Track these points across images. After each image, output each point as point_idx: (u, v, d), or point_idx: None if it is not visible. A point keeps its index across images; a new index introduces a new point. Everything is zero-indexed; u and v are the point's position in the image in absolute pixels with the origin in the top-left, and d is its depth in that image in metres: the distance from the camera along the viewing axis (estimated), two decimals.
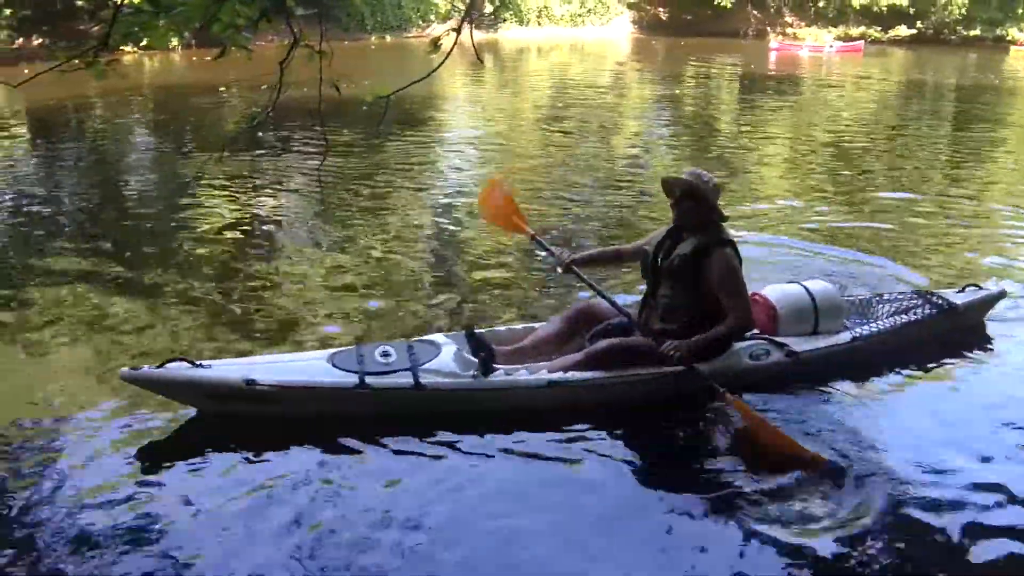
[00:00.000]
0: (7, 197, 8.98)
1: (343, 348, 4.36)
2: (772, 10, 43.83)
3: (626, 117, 16.47)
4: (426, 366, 4.11)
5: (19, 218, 8.16)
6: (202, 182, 9.48)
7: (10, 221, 8.11)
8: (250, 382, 3.91)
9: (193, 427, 4.06)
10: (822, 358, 4.53)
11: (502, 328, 4.75)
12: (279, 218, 8.10)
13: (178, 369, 3.94)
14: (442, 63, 2.61)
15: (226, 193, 9.01)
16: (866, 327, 4.75)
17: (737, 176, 10.00)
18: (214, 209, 8.33)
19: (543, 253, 4.83)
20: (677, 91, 21.07)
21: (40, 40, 28.80)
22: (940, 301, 5.00)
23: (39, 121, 15.21)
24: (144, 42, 2.74)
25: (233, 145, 10.88)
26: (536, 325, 4.66)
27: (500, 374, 4.12)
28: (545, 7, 43.87)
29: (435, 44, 2.64)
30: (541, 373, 4.14)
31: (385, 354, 4.18)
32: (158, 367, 3.93)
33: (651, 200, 8.44)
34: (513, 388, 4.07)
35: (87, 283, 6.06)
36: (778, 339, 4.49)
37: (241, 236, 7.39)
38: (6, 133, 13.72)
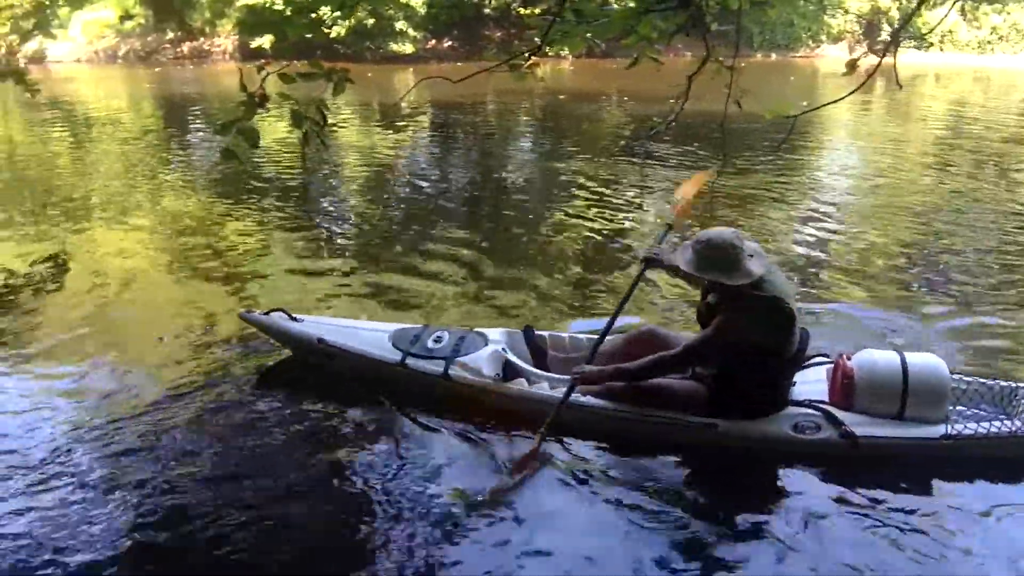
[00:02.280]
0: (405, 173, 10.16)
1: (409, 326, 4.69)
2: None
3: None
4: (462, 358, 4.27)
5: (406, 190, 9.26)
6: (579, 183, 9.90)
7: (401, 192, 9.29)
8: (321, 340, 4.51)
9: (284, 366, 4.88)
10: (889, 450, 3.72)
11: (564, 335, 4.68)
12: (636, 226, 8.21)
13: (275, 318, 4.67)
14: (861, 86, 2.44)
15: (593, 195, 9.31)
16: (974, 425, 3.73)
17: None
18: (575, 208, 8.67)
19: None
20: None
21: (449, 43, 32.02)
22: None
23: (441, 113, 16.94)
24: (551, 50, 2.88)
25: (620, 152, 11.34)
26: (595, 337, 4.42)
27: (521, 382, 4.18)
28: (949, 32, 40.17)
29: (852, 66, 2.49)
30: (559, 389, 4.05)
31: (437, 339, 4.44)
32: (264, 314, 4.72)
33: None
34: (526, 398, 4.11)
35: (441, 251, 6.86)
36: (839, 414, 3.79)
37: (590, 235, 7.61)
38: (414, 121, 15.56)
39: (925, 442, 3.71)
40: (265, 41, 34.48)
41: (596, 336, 4.37)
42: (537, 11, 25.91)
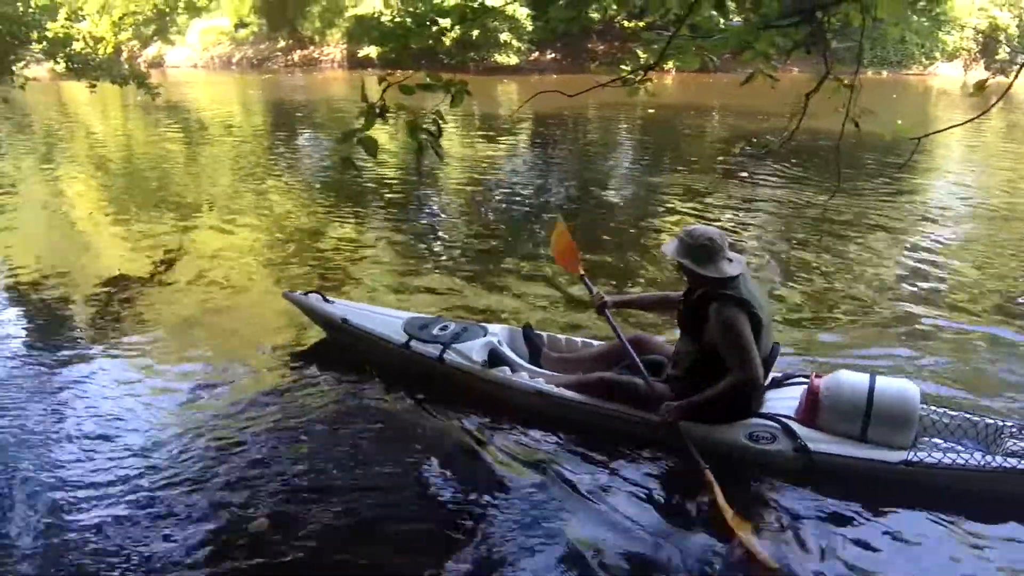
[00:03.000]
0: (502, 180, 10.24)
1: (421, 315, 5.13)
2: None
3: None
4: (457, 345, 4.60)
5: (503, 200, 9.26)
6: (678, 198, 9.80)
7: (498, 203, 9.28)
8: (344, 320, 4.95)
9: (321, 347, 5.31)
10: (844, 469, 3.68)
11: (562, 337, 4.93)
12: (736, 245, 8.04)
13: (312, 299, 5.19)
14: (990, 108, 2.33)
15: (692, 212, 9.18)
16: (939, 455, 3.61)
17: None
18: (672, 224, 8.52)
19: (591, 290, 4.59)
20: None
21: (553, 55, 32.17)
22: None
23: (541, 125, 17.01)
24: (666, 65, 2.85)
25: (722, 168, 11.18)
26: (594, 342, 4.80)
27: (505, 371, 4.43)
28: None
29: (980, 87, 2.38)
30: (539, 380, 4.34)
31: (443, 328, 4.83)
32: (303, 294, 5.25)
33: None
34: (506, 385, 4.36)
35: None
36: (797, 428, 3.79)
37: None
38: (514, 133, 15.65)
39: (882, 465, 3.64)
40: (372, 51, 35.51)
41: (591, 340, 4.82)
42: (642, 24, 25.91)
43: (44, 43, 7.41)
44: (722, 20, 2.52)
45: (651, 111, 18.12)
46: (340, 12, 37.68)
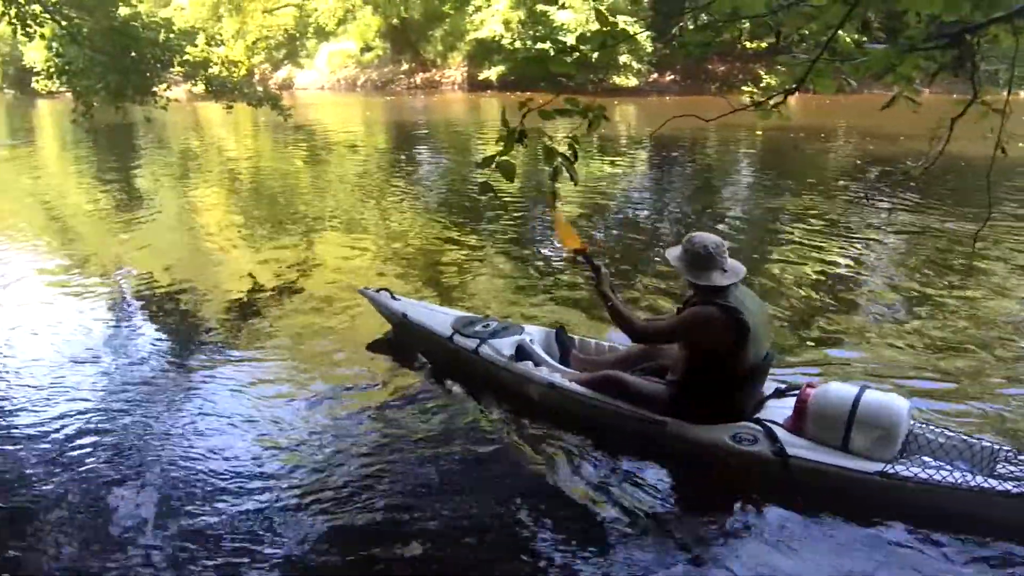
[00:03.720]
0: (618, 201, 10.17)
1: (469, 314, 5.57)
2: None
3: None
4: (492, 341, 4.98)
5: (620, 221, 9.15)
6: (801, 222, 9.50)
7: (615, 223, 9.18)
8: (404, 315, 5.51)
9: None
10: (818, 476, 3.73)
11: (592, 340, 5.22)
12: (861, 273, 7.71)
13: (382, 295, 5.77)
14: None
15: (817, 236, 8.88)
16: (916, 469, 3.60)
17: None
18: (794, 247, 8.28)
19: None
20: None
21: (672, 76, 31.94)
22: None
23: (660, 145, 16.86)
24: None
25: (849, 192, 10.80)
26: (620, 346, 5.01)
27: (528, 365, 4.74)
28: None
29: None
30: (556, 376, 4.61)
31: (485, 326, 5.22)
32: (376, 291, 5.84)
33: None
34: (525, 378, 4.71)
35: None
36: (781, 433, 3.88)
37: (808, 276, 7.21)
38: (634, 149, 15.57)
39: (857, 475, 3.66)
40: (492, 73, 36.08)
41: (618, 345, 5.05)
42: (764, 45, 25.41)
43: (185, 67, 7.82)
44: (856, 41, 2.44)
45: (773, 132, 17.69)
46: (461, 36, 38.42)
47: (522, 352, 4.87)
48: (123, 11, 7.99)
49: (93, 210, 12.12)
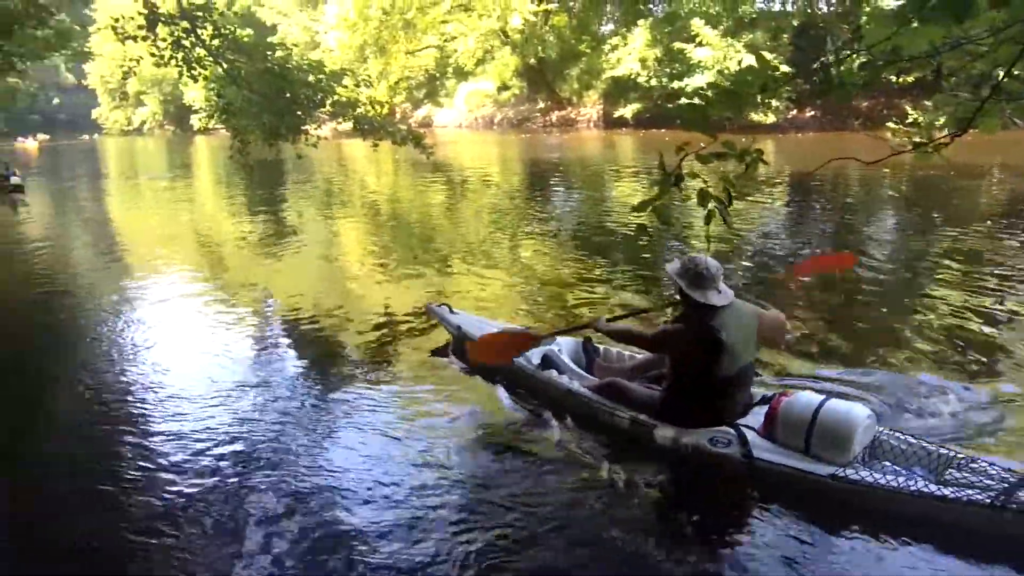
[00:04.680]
0: (755, 237, 9.93)
1: (515, 326, 6.19)
2: None
3: None
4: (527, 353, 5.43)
5: (754, 259, 8.94)
6: (948, 262, 9.02)
7: (747, 254, 8.97)
8: (459, 327, 6.07)
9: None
10: (777, 476, 4.13)
11: (614, 350, 5.65)
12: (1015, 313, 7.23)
13: (442, 309, 6.40)
14: None
15: (965, 277, 8.38)
16: (865, 472, 3.94)
17: None
18: (941, 289, 7.83)
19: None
20: None
21: (812, 112, 31.13)
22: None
23: (798, 179, 16.42)
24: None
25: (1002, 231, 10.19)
26: (638, 356, 5.43)
27: (552, 373, 5.30)
28: None
29: None
30: (574, 384, 5.17)
31: None
32: (437, 305, 6.50)
33: None
34: (548, 383, 5.25)
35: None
36: (751, 437, 4.28)
37: (957, 320, 6.80)
38: (772, 184, 15.19)
39: (811, 476, 4.00)
40: (628, 111, 36.16)
41: (637, 354, 5.44)
42: (911, 79, 24.40)
43: (334, 106, 8.19)
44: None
45: (917, 169, 16.92)
46: (597, 74, 38.74)
47: (548, 361, 5.44)
48: (278, 53, 8.45)
49: (243, 240, 12.84)
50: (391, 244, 12.19)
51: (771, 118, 29.63)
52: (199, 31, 8.20)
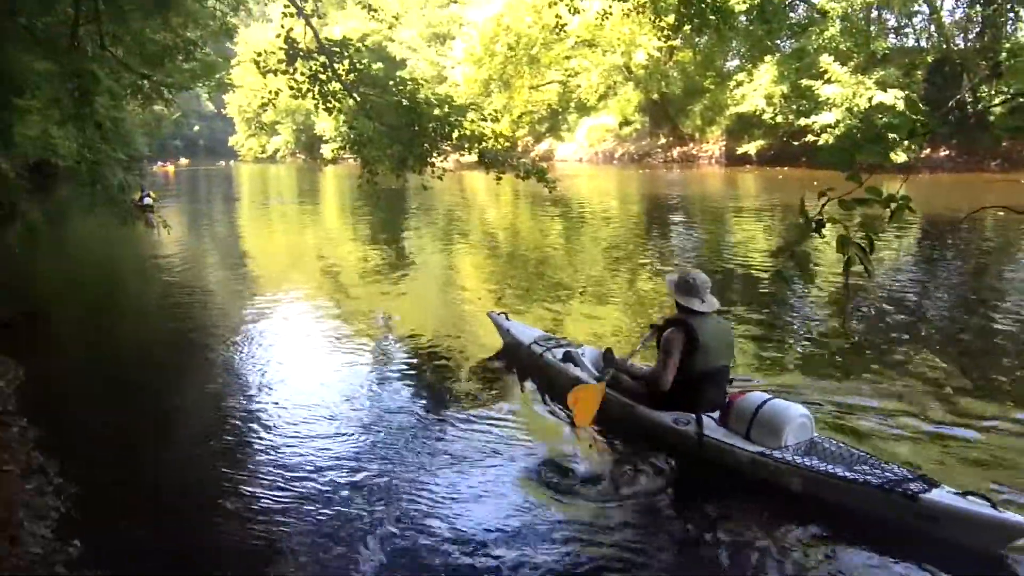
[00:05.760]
0: (880, 283, 9.58)
1: (549, 333, 7.33)
2: None
3: None
4: (553, 349, 6.67)
5: (875, 307, 8.60)
6: None
7: (868, 301, 8.62)
8: (508, 331, 7.35)
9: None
10: (717, 451, 5.01)
11: (628, 359, 6.10)
12: None
13: (499, 317, 7.62)
14: None
15: None
16: (780, 455, 4.75)
17: None
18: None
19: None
20: None
21: (946, 152, 29.85)
22: (908, 486, 4.29)
23: (930, 225, 15.78)
24: None
25: None
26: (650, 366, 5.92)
27: (569, 365, 6.32)
28: None
29: None
30: (583, 374, 6.14)
31: (558, 344, 6.80)
32: (497, 313, 7.71)
33: None
34: (564, 373, 6.26)
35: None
36: (707, 420, 5.16)
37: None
38: (903, 228, 14.60)
39: (741, 452, 4.90)
40: (751, 148, 35.61)
41: (650, 365, 5.94)
42: None
43: (460, 139, 8.40)
44: None
45: None
46: (721, 110, 38.35)
47: (568, 357, 6.44)
48: (407, 87, 8.74)
49: (364, 265, 13.30)
50: (507, 274, 12.36)
51: (902, 157, 28.47)
52: (335, 66, 8.57)
